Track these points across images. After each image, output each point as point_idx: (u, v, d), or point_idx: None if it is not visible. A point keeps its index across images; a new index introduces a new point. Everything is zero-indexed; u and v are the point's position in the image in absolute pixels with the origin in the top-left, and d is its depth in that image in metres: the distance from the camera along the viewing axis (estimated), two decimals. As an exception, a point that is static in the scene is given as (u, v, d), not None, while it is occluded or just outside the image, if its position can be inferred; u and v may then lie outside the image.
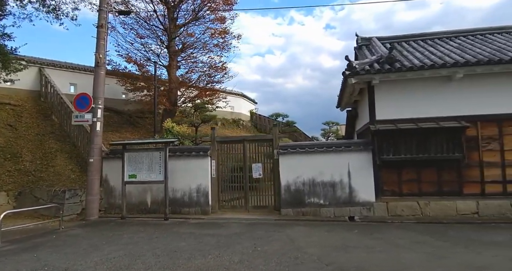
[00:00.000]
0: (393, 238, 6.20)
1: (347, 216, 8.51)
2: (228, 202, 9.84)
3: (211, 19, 16.08)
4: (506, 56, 7.67)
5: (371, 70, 8.10)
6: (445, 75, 8.18)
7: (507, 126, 8.09)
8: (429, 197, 8.27)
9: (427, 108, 8.41)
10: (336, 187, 8.74)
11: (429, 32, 10.68)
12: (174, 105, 15.00)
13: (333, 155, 8.79)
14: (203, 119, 13.28)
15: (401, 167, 8.45)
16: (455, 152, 7.92)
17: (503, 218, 7.74)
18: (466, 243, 5.70)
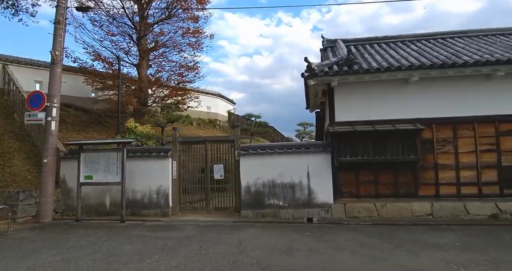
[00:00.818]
0: (341, 240, 6.19)
1: (306, 217, 8.50)
2: (190, 204, 9.69)
3: (184, 18, 15.91)
4: (460, 60, 7.80)
5: (329, 72, 8.11)
6: (402, 78, 8.26)
7: (461, 129, 8.23)
8: (385, 198, 8.34)
9: (385, 110, 8.49)
10: (295, 188, 8.71)
11: (393, 35, 10.80)
12: (145, 105, 14.73)
13: (293, 156, 8.77)
14: (169, 119, 13.06)
15: (359, 169, 8.49)
16: (410, 154, 8.00)
17: (456, 220, 7.86)
18: (409, 245, 5.74)
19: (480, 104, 8.14)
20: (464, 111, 8.18)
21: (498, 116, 8.05)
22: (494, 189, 7.99)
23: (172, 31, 15.90)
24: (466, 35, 10.27)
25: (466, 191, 8.07)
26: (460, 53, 8.55)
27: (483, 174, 8.05)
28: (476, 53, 8.32)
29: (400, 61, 8.36)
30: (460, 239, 6.12)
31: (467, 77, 8.16)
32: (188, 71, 15.34)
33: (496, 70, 7.73)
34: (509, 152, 8.00)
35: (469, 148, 8.15)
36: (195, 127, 20.34)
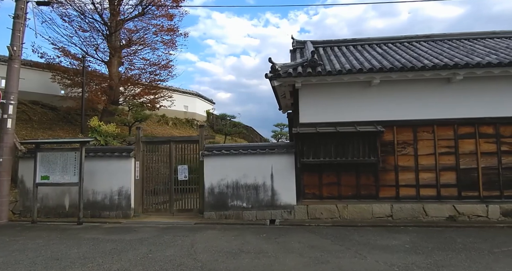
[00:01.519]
0: (293, 242, 6.15)
1: (269, 219, 8.45)
2: (154, 205, 9.50)
3: (158, 15, 15.67)
4: (420, 64, 7.89)
5: (293, 73, 8.08)
6: (364, 81, 8.30)
7: (421, 132, 8.33)
8: (347, 200, 8.37)
9: (348, 112, 8.52)
10: (259, 189, 8.65)
11: (362, 38, 10.88)
12: (115, 104, 14.40)
13: (257, 158, 8.70)
14: (137, 118, 12.80)
15: (322, 170, 8.50)
16: (371, 156, 8.06)
17: (415, 221, 7.95)
18: (360, 247, 5.75)
19: (440, 107, 8.26)
20: (425, 114, 8.29)
21: (457, 119, 8.19)
22: (453, 191, 8.12)
23: (145, 29, 15.63)
24: (431, 39, 10.44)
25: (425, 193, 8.18)
26: (422, 57, 8.66)
27: (442, 176, 8.17)
28: (437, 57, 8.45)
29: (363, 64, 8.42)
30: (412, 241, 6.18)
31: (427, 81, 8.27)
32: (161, 70, 15.11)
33: (455, 74, 7.86)
34: (467, 155, 8.15)
35: (429, 150, 8.27)
36: (171, 127, 20.07)
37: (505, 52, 8.52)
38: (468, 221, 7.84)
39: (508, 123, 8.06)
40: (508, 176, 7.99)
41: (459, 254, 5.29)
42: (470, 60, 7.85)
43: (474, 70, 7.70)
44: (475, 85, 8.18)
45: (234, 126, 16.19)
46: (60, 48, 13.89)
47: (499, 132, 8.10)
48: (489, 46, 9.25)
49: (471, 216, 7.91)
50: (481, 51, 8.73)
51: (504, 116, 8.04)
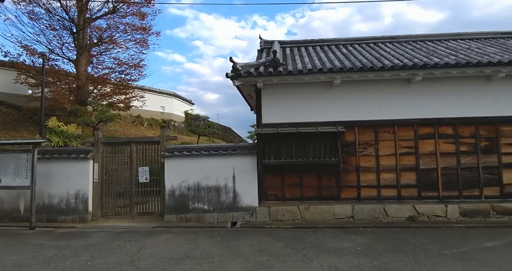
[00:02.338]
0: (245, 246, 6.01)
1: (231, 221, 8.29)
2: (113, 209, 9.20)
3: (130, 13, 15.35)
4: (379, 64, 7.87)
5: (253, 73, 7.95)
6: (325, 81, 8.23)
7: (382, 132, 8.32)
8: (309, 201, 8.28)
9: (311, 113, 8.45)
10: (220, 191, 8.48)
11: (328, 39, 10.85)
12: (83, 104, 13.99)
13: (219, 159, 8.53)
14: (101, 119, 12.45)
15: (285, 171, 8.39)
16: (331, 157, 7.99)
17: (375, 222, 7.92)
18: (311, 250, 5.65)
19: (401, 108, 8.26)
20: (386, 115, 8.28)
21: (417, 120, 8.20)
22: (413, 191, 8.13)
23: (116, 27, 15.27)
24: (397, 40, 10.48)
25: (386, 193, 8.16)
26: (384, 57, 8.67)
27: (402, 176, 8.17)
28: (398, 57, 8.46)
29: (325, 64, 8.36)
30: (365, 243, 6.11)
31: (388, 81, 8.27)
32: (131, 69, 14.76)
33: (414, 74, 7.87)
34: (427, 155, 8.17)
35: (390, 150, 8.26)
36: (146, 127, 19.69)
37: (465, 53, 8.60)
38: (427, 221, 7.85)
39: (467, 124, 8.13)
40: (467, 176, 8.04)
41: (407, 256, 5.25)
42: (429, 61, 7.87)
43: (433, 71, 7.73)
44: (434, 86, 8.21)
45: (208, 127, 15.97)
46: (24, 46, 13.41)
47: (458, 133, 8.15)
48: (451, 48, 9.34)
49: (431, 216, 7.93)
50: (441, 52, 8.79)
51: (462, 117, 8.10)
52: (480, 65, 7.53)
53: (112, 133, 15.88)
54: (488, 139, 8.10)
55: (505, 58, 7.60)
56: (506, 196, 7.93)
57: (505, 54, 8.10)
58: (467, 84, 8.17)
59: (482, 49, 8.95)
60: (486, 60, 7.57)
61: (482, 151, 8.08)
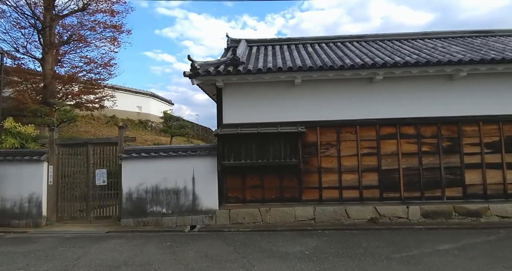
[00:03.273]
0: (191, 251, 5.77)
1: (190, 225, 8.02)
2: (69, 213, 8.84)
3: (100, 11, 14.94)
4: (340, 63, 7.72)
5: (211, 72, 7.71)
6: (286, 80, 8.03)
7: (344, 133, 8.16)
8: (271, 203, 8.07)
9: (272, 113, 8.24)
10: (180, 194, 8.21)
11: (296, 37, 10.67)
12: (49, 104, 13.50)
13: (179, 160, 8.26)
14: (62, 119, 12.04)
15: (246, 173, 8.16)
16: (292, 158, 7.80)
17: (336, 224, 7.75)
18: (257, 255, 5.44)
19: (363, 107, 8.11)
20: (348, 115, 8.13)
21: (379, 120, 8.07)
22: (375, 192, 7.99)
23: (86, 25, 14.84)
24: (364, 39, 10.36)
25: (348, 195, 8.00)
26: (348, 56, 8.52)
27: (364, 177, 8.03)
28: (361, 56, 8.32)
29: (286, 63, 8.16)
30: (317, 246, 5.93)
31: (350, 81, 8.12)
32: (99, 68, 14.35)
33: (375, 74, 7.73)
34: (389, 155, 8.04)
35: (352, 151, 8.10)
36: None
37: (429, 52, 8.49)
38: (388, 223, 7.72)
39: (429, 124, 8.02)
40: (429, 177, 7.93)
41: (353, 260, 5.07)
42: (390, 60, 7.74)
43: (393, 70, 7.60)
44: (396, 86, 8.09)
45: (181, 128, 15.68)
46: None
47: (420, 133, 8.04)
48: (415, 47, 9.24)
49: (392, 218, 7.80)
50: (405, 52, 8.67)
51: (424, 117, 7.99)
52: (440, 64, 7.42)
53: (82, 135, 15.48)
54: (451, 139, 8.02)
55: (467, 57, 7.51)
56: (469, 196, 7.84)
57: (467, 53, 8.02)
58: (429, 83, 8.07)
59: (447, 48, 8.88)
60: (446, 59, 7.48)
61: (444, 151, 7.98)
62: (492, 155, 7.91)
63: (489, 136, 7.95)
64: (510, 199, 7.77)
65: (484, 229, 7.08)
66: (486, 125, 7.96)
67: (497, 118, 7.92)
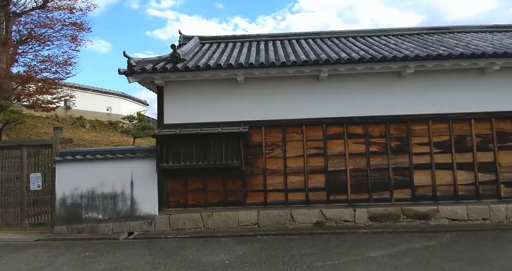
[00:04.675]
0: (104, 263, 5.34)
1: (127, 231, 7.57)
2: (4, 219, 8.28)
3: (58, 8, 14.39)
4: (282, 60, 7.34)
5: (147, 69, 7.27)
6: (229, 78, 7.63)
7: (290, 133, 7.80)
8: (213, 207, 7.65)
9: (216, 112, 7.84)
10: (117, 199, 7.74)
11: (251, 34, 10.27)
12: (1, 105, 12.88)
13: (117, 163, 7.79)
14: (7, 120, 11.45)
15: (187, 176, 7.73)
16: (234, 159, 7.40)
17: (281, 229, 7.37)
18: (173, 266, 5.05)
19: (309, 106, 7.77)
20: (294, 114, 7.76)
21: (325, 119, 7.72)
22: (321, 194, 7.64)
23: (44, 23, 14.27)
24: (320, 36, 10.01)
25: (293, 198, 7.64)
26: (296, 53, 8.16)
27: (311, 179, 7.67)
28: (308, 53, 7.97)
29: (232, 59, 7.75)
30: (243, 254, 5.55)
31: (296, 79, 7.77)
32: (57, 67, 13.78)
33: (319, 71, 7.39)
34: (336, 156, 7.71)
35: (298, 152, 7.74)
36: (88, 129, 18.64)
37: (379, 48, 8.17)
38: (334, 227, 7.37)
39: (377, 123, 7.71)
40: (377, 178, 7.62)
41: (270, 270, 4.68)
42: (335, 56, 7.42)
43: (337, 67, 7.26)
44: (343, 84, 7.76)
45: (145, 129, 15.16)
46: None
47: (368, 132, 7.72)
48: (368, 44, 8.91)
49: (339, 221, 7.45)
50: (355, 48, 8.34)
51: (372, 116, 7.68)
52: (385, 60, 7.10)
53: (41, 136, 14.86)
54: (399, 138, 7.72)
55: (412, 54, 7.22)
56: (418, 198, 7.54)
57: (416, 50, 7.72)
58: (378, 81, 7.77)
59: (399, 45, 8.56)
60: (391, 56, 7.17)
61: (393, 151, 7.68)
62: (441, 154, 7.63)
63: (439, 135, 7.67)
64: (461, 200, 7.49)
65: (431, 232, 6.78)
66: (436, 124, 7.68)
67: (446, 116, 7.65)
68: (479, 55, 7.02)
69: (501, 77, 7.65)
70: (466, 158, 7.60)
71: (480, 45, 7.95)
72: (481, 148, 7.61)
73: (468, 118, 7.64)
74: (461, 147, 7.62)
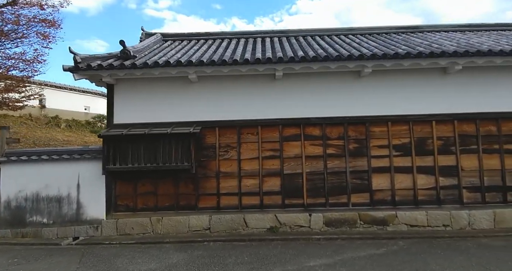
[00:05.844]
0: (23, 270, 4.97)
1: (72, 236, 7.21)
2: None
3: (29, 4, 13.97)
4: (231, 59, 6.97)
5: (93, 66, 6.91)
6: (182, 77, 7.28)
7: (245, 134, 7.47)
8: (164, 212, 7.31)
9: (168, 112, 7.50)
10: (63, 202, 7.39)
11: (216, 32, 9.93)
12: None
13: (63, 164, 7.44)
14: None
15: (138, 178, 7.38)
16: (184, 161, 7.07)
17: (232, 234, 7.02)
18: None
19: (265, 106, 7.44)
20: (250, 114, 7.43)
21: (282, 119, 7.40)
22: (276, 199, 7.31)
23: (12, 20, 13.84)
24: (286, 35, 9.68)
25: (247, 202, 7.30)
26: (255, 51, 7.85)
27: (266, 182, 7.34)
28: (266, 51, 7.67)
29: (182, 58, 7.40)
30: (176, 263, 5.23)
31: (251, 78, 7.43)
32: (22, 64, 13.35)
33: (275, 69, 7.07)
34: (292, 159, 7.38)
35: (253, 154, 7.41)
36: (64, 129, 18.20)
37: (339, 47, 7.84)
38: (289, 232, 7.05)
39: (335, 124, 7.40)
40: (334, 182, 7.31)
41: (192, 282, 4.36)
42: (291, 54, 7.10)
43: (292, 66, 6.93)
44: (300, 83, 7.44)
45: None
46: None
47: (325, 134, 7.41)
48: (330, 42, 8.56)
49: (293, 227, 7.13)
50: (316, 46, 8.05)
51: (330, 117, 7.37)
52: (340, 59, 6.79)
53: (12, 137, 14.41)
54: (358, 140, 7.41)
55: (368, 53, 6.90)
56: (376, 203, 7.23)
57: (376, 49, 7.39)
58: (336, 81, 7.46)
59: (362, 43, 8.27)
60: (346, 54, 6.87)
61: (351, 154, 7.37)
62: (401, 157, 7.32)
63: (399, 137, 7.37)
64: (421, 206, 7.19)
65: (385, 239, 6.47)
66: (396, 126, 7.38)
67: (407, 118, 7.35)
68: (438, 54, 6.73)
69: (464, 78, 7.37)
70: (427, 161, 7.30)
71: (444, 44, 7.67)
72: (443, 150, 7.32)
73: (429, 120, 7.35)
74: (422, 150, 7.32)
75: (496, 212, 7.09)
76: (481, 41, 8.02)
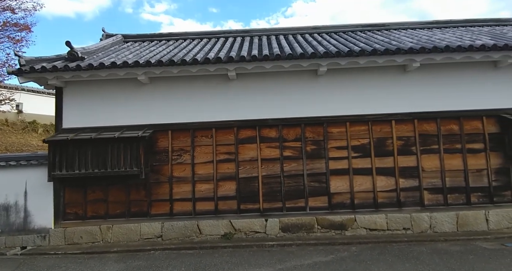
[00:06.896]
0: None
1: (20, 246, 6.91)
2: None
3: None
4: (179, 60, 6.70)
5: (37, 69, 6.63)
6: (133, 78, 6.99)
7: (199, 137, 7.19)
8: (114, 219, 7.01)
9: (119, 115, 7.22)
10: (10, 210, 7.08)
11: (179, 32, 9.66)
12: None
13: (10, 171, 7.14)
14: None
15: (86, 185, 7.09)
16: (133, 166, 6.77)
17: (185, 242, 6.72)
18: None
19: (220, 108, 7.17)
20: (204, 116, 7.16)
21: (237, 121, 7.13)
22: (231, 204, 7.03)
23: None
24: (250, 34, 9.42)
25: (201, 207, 7.01)
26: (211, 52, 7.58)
27: (220, 187, 7.06)
28: (223, 51, 7.40)
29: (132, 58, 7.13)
30: (106, 275, 4.92)
31: (205, 78, 7.19)
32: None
33: (227, 70, 6.79)
34: (248, 162, 7.11)
35: (207, 157, 7.13)
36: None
37: (297, 45, 7.58)
38: (244, 239, 6.76)
39: (292, 125, 7.14)
40: (291, 185, 7.03)
41: (111, 297, 4.07)
42: (244, 53, 6.84)
43: (244, 65, 6.67)
44: (255, 83, 7.19)
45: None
46: None
47: (282, 136, 7.14)
48: (291, 41, 8.25)
49: (249, 233, 6.85)
50: (275, 45, 7.78)
51: (287, 118, 7.11)
52: (293, 58, 6.51)
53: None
54: (315, 142, 7.14)
55: (321, 51, 6.64)
56: (334, 207, 6.96)
57: (333, 47, 7.12)
58: (292, 80, 7.20)
59: (323, 42, 7.96)
60: (299, 53, 6.62)
61: (309, 156, 7.10)
62: (360, 159, 7.06)
63: (357, 137, 7.12)
64: (381, 209, 6.93)
65: (340, 244, 6.20)
66: (354, 126, 7.13)
67: (365, 118, 7.10)
68: (393, 51, 6.48)
69: (423, 75, 7.14)
70: (387, 162, 7.04)
71: (404, 41, 7.43)
72: (403, 151, 7.07)
73: (388, 119, 7.10)
74: (382, 151, 7.07)
75: (459, 214, 6.83)
76: (444, 37, 7.79)
